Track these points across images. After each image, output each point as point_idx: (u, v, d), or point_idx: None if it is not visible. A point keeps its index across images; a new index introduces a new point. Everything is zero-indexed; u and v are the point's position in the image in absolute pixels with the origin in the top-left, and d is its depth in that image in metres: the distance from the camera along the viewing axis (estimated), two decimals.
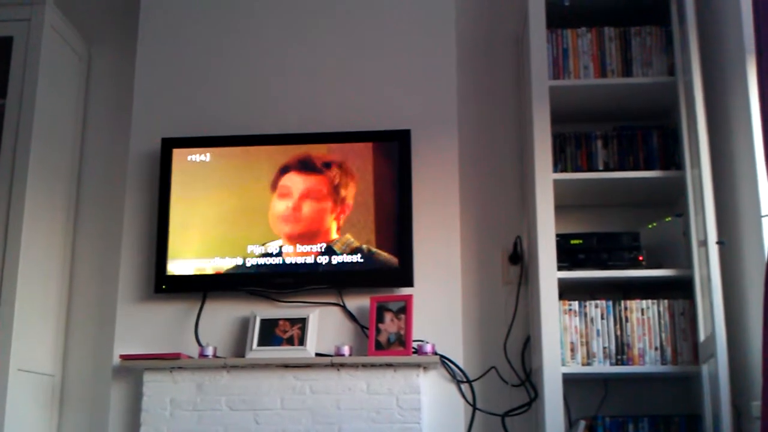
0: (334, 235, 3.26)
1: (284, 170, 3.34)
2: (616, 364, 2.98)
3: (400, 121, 3.38)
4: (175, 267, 3.30)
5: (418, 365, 3.10)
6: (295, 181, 3.32)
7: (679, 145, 3.09)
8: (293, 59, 3.53)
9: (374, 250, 3.24)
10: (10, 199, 3.27)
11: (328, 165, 3.33)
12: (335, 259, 3.24)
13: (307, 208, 3.30)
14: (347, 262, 3.24)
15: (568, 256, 3.07)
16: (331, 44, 3.53)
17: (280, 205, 3.31)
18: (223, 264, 3.29)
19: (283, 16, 3.57)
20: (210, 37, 3.58)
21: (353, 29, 3.53)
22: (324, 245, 3.25)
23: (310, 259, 3.25)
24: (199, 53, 3.57)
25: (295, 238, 3.28)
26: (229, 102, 3.51)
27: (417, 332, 3.16)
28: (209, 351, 3.17)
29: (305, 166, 3.34)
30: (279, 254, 3.27)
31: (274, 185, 3.33)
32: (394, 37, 3.51)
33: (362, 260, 3.23)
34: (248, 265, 3.28)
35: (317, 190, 3.31)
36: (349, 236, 3.25)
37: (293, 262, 3.26)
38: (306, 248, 3.26)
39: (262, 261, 3.27)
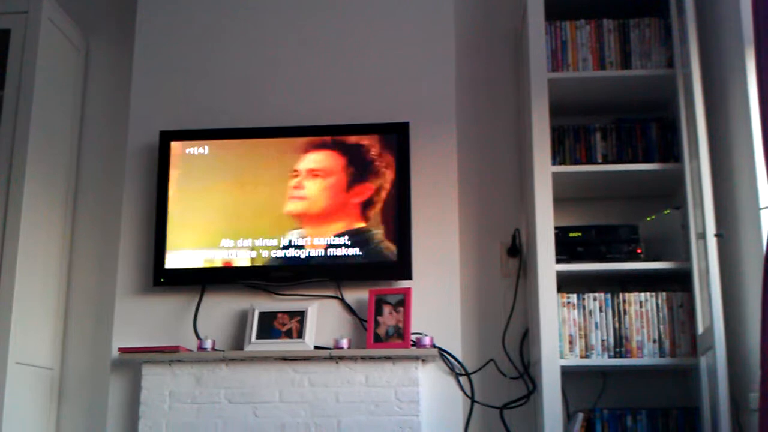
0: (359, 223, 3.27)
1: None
2: (615, 356, 2.98)
3: (399, 113, 3.37)
4: (174, 260, 3.29)
5: (416, 358, 3.10)
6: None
7: (678, 138, 3.08)
8: (292, 52, 3.52)
9: (374, 242, 3.24)
10: (8, 192, 3.26)
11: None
12: (334, 252, 3.24)
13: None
14: (346, 255, 3.24)
15: (566, 248, 3.07)
16: (330, 36, 3.52)
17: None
18: (222, 257, 3.29)
19: (282, 9, 3.56)
20: (208, 29, 3.57)
21: (351, 21, 3.52)
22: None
23: (309, 253, 3.25)
24: (198, 46, 3.56)
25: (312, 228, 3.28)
26: (227, 95, 3.50)
27: (415, 325, 3.16)
28: (208, 344, 3.17)
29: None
30: (282, 247, 3.27)
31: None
32: (393, 30, 3.50)
33: (361, 253, 3.23)
34: (247, 257, 3.28)
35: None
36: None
37: (292, 255, 3.26)
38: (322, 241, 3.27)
39: (261, 254, 3.27)
